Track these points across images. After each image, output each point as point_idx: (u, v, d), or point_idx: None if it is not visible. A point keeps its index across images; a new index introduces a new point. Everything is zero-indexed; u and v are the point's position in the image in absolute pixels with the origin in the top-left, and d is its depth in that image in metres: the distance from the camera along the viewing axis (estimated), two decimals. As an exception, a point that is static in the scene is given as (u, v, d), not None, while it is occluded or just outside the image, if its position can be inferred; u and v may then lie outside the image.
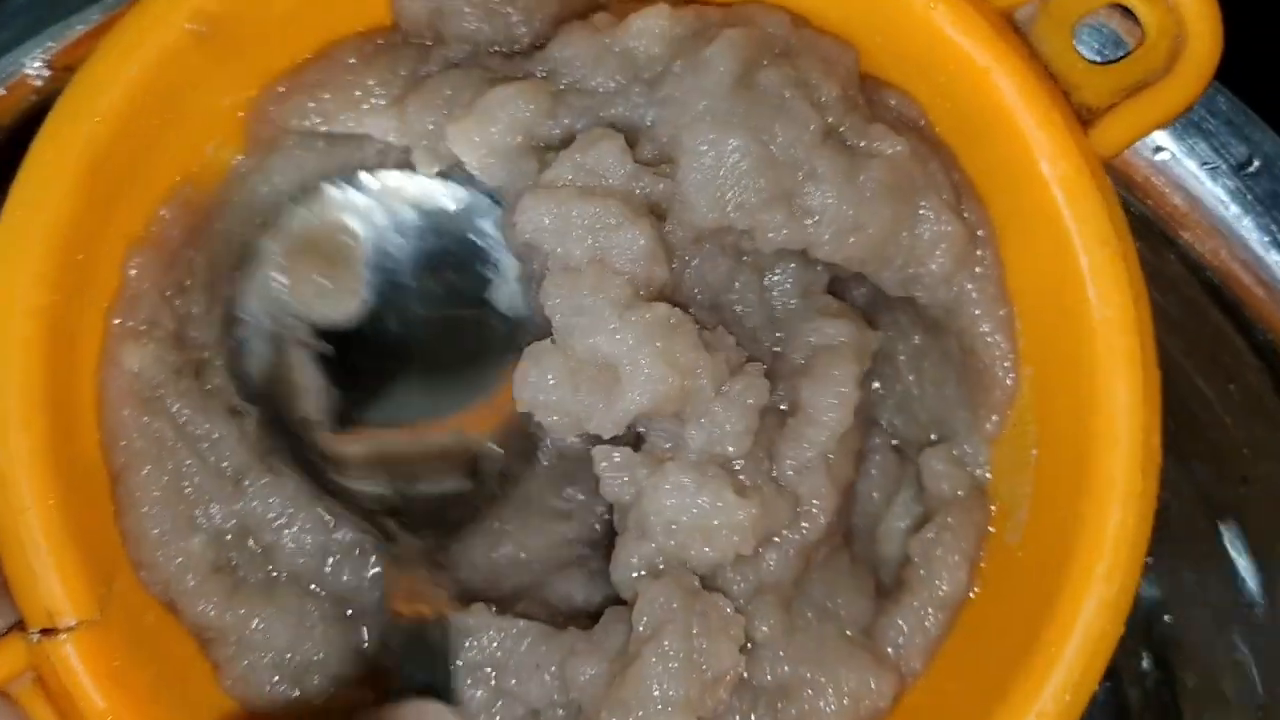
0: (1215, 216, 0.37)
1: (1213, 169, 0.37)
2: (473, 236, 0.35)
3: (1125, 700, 0.47)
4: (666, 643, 0.30)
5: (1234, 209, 0.37)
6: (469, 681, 0.32)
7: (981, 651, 0.34)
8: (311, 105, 0.34)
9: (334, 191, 0.35)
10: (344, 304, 0.35)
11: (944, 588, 0.35)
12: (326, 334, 0.35)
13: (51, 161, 0.31)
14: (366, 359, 0.35)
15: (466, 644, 0.32)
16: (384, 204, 0.35)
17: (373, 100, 0.35)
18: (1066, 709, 0.31)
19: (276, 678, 0.33)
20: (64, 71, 0.34)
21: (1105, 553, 0.32)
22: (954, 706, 0.33)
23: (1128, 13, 0.35)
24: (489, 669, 0.32)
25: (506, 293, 0.35)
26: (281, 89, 0.35)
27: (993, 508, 0.36)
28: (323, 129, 0.35)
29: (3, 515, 0.30)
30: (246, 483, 0.34)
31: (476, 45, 0.35)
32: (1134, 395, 0.32)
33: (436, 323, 0.36)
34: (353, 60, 0.35)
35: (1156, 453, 0.32)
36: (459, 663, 0.32)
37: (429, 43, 0.35)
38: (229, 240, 0.36)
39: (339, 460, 0.35)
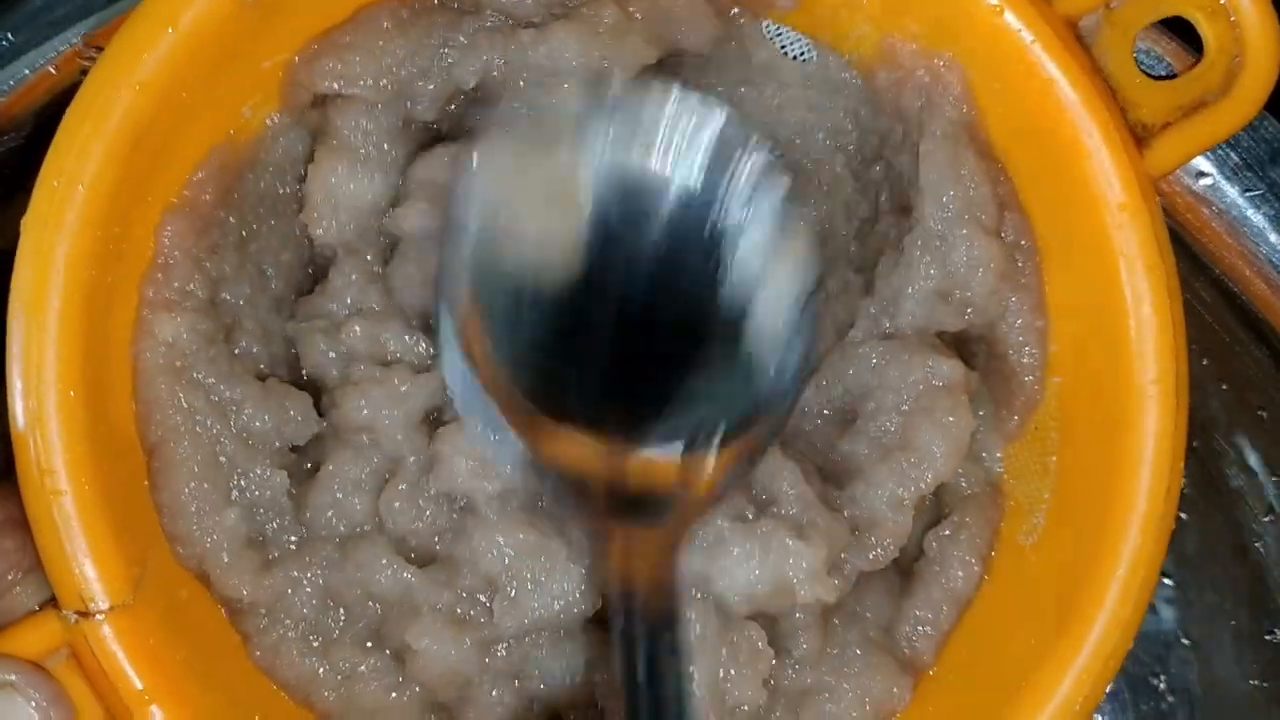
0: (1254, 244, 0.37)
1: (1255, 197, 0.37)
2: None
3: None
4: (695, 671, 0.31)
5: (1274, 237, 0.37)
6: None
7: (991, 651, 0.35)
8: (340, 68, 0.33)
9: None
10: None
11: (957, 585, 0.36)
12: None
13: (89, 132, 0.29)
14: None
15: None
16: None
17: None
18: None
19: (305, 649, 0.33)
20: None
21: (1121, 572, 0.33)
22: (963, 703, 0.35)
23: (1181, 36, 0.35)
24: None
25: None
26: (314, 48, 0.33)
27: (1008, 503, 0.37)
28: (347, 91, 0.33)
29: (38, 498, 0.29)
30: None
31: (513, 16, 0.34)
32: (1164, 422, 0.33)
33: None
34: (386, 24, 0.33)
35: (1179, 478, 0.33)
36: None
37: (466, 10, 0.34)
38: (262, 197, 0.35)
39: None
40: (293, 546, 0.33)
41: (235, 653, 0.33)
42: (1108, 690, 0.32)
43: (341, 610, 0.33)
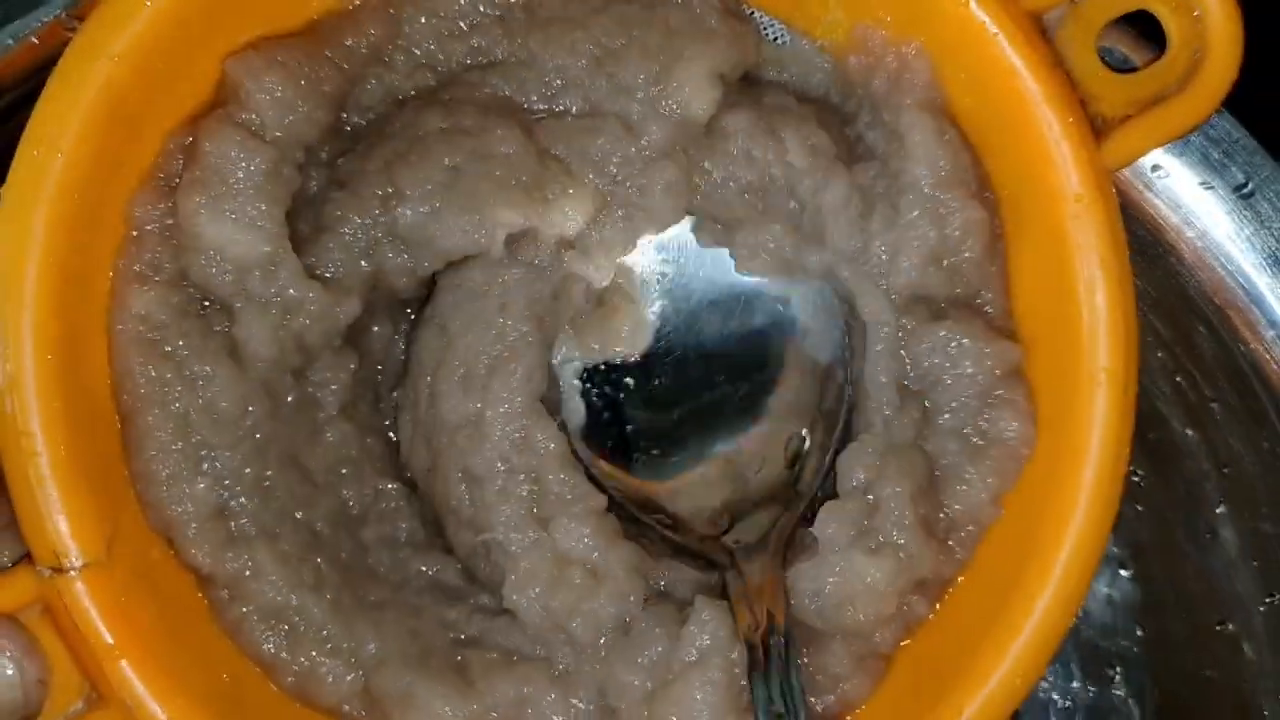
0: (1208, 236, 0.38)
1: (1208, 189, 0.38)
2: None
3: (1096, 712, 0.50)
4: (713, 674, 0.32)
5: (1227, 229, 0.38)
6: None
7: (948, 624, 0.36)
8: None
9: None
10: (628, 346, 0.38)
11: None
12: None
13: (68, 102, 0.30)
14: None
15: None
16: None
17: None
18: (1014, 692, 0.34)
19: (266, 633, 0.33)
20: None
21: (1065, 553, 0.34)
22: (921, 675, 0.36)
23: (1139, 34, 0.35)
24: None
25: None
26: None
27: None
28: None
29: (14, 458, 0.30)
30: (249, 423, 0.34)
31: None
32: (1112, 408, 0.34)
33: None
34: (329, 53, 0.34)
35: (1124, 463, 0.34)
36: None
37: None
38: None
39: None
40: (253, 531, 0.33)
41: (205, 614, 0.33)
42: (1066, 679, 0.33)
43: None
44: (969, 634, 0.35)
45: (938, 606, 0.36)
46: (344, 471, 0.36)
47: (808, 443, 0.38)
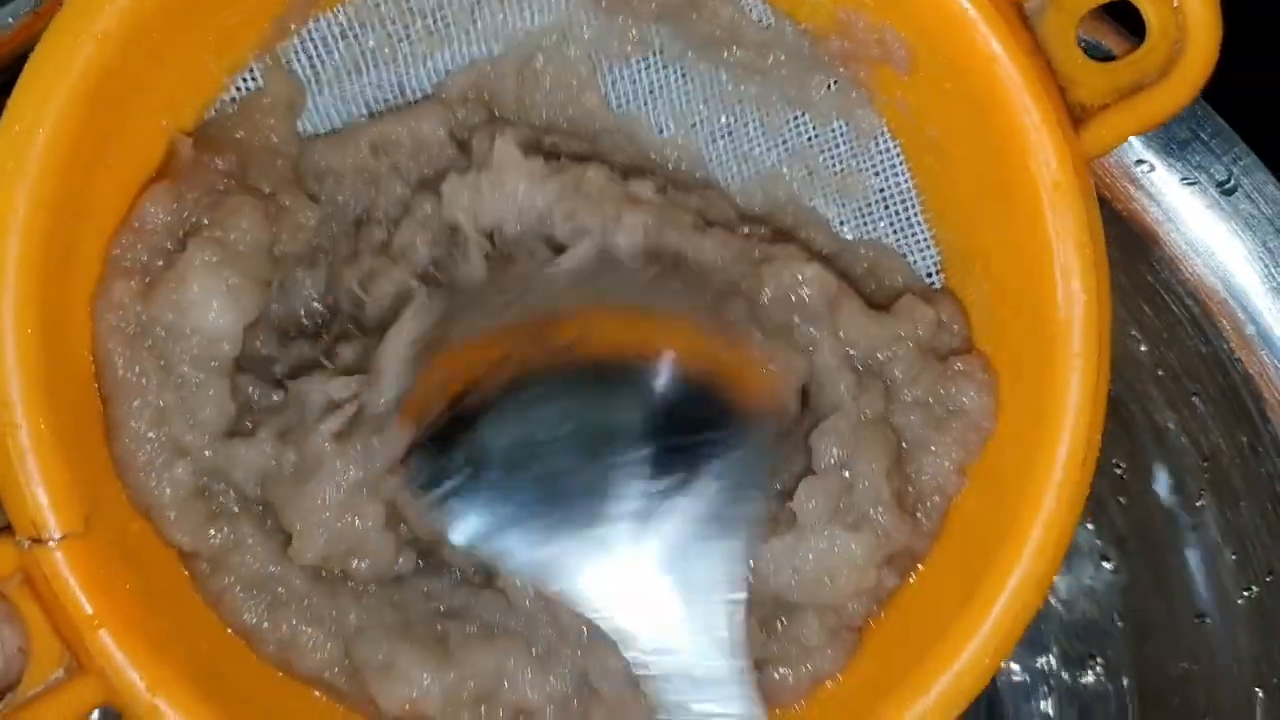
0: (1191, 232, 0.38)
1: (1192, 185, 0.38)
2: None
3: (1076, 700, 0.50)
4: None
5: (1210, 225, 0.38)
6: None
7: (920, 603, 0.36)
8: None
9: None
10: None
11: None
12: None
13: (50, 78, 0.30)
14: None
15: None
16: None
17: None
18: (984, 669, 0.34)
19: (248, 603, 0.33)
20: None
21: (1037, 532, 0.34)
22: (891, 653, 0.36)
23: (1123, 29, 0.36)
24: None
25: None
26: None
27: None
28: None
29: (-5, 430, 0.31)
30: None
31: None
32: (1085, 393, 0.34)
33: None
34: None
35: (1095, 447, 0.35)
36: None
37: None
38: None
39: None
40: (235, 509, 0.34)
41: (185, 584, 0.34)
42: (1047, 668, 0.33)
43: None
44: (942, 610, 0.35)
45: (913, 581, 0.36)
46: None
47: None
